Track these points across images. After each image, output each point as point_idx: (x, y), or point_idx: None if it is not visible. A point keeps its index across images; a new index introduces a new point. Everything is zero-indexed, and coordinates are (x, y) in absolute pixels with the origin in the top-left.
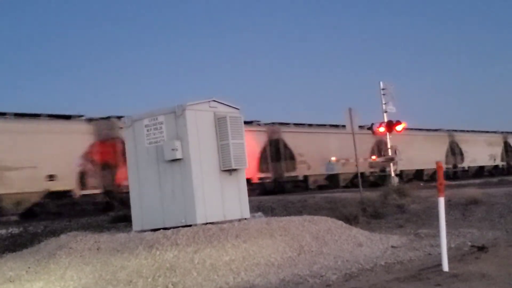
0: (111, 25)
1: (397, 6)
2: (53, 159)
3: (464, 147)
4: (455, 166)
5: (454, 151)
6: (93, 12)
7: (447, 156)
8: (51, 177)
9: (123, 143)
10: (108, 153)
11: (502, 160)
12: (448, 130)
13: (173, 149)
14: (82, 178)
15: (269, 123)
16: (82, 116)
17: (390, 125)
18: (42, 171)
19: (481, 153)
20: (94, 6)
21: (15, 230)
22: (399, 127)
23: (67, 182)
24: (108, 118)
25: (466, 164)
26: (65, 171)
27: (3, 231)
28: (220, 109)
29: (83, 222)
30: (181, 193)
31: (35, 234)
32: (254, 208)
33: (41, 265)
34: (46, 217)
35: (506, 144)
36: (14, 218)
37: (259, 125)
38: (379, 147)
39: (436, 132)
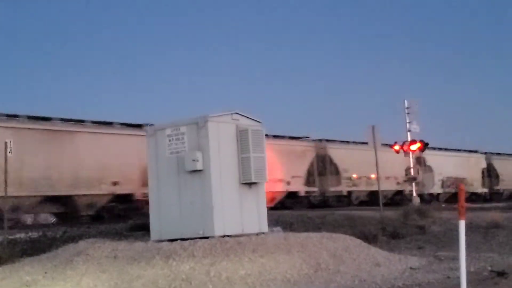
0: (137, 34)
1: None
2: None
3: (500, 170)
4: (491, 188)
5: (491, 173)
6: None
7: (483, 177)
8: None
9: None
10: None
11: None
12: (485, 153)
13: (194, 160)
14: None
15: (316, 139)
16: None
17: (405, 145)
18: None
19: None
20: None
21: (34, 234)
22: (413, 147)
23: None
24: None
25: (501, 187)
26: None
27: (22, 235)
28: (242, 121)
29: (102, 229)
30: (200, 204)
31: (53, 239)
32: (273, 222)
33: (58, 270)
34: None
35: None
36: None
37: (307, 140)
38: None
39: (474, 153)
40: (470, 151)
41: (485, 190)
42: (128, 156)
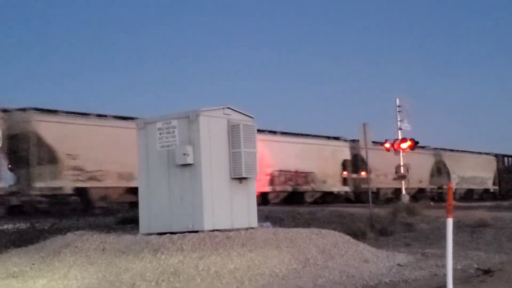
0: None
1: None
2: None
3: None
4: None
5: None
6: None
7: (494, 178)
8: None
9: None
10: None
11: None
12: (496, 155)
13: (184, 154)
14: None
15: (350, 140)
16: None
17: (396, 143)
18: None
19: None
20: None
21: (22, 225)
22: (404, 145)
23: None
24: None
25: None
26: None
27: (10, 226)
28: (234, 116)
29: (91, 222)
30: (190, 198)
31: (41, 231)
32: (263, 218)
33: (46, 262)
34: None
35: None
36: None
37: (344, 140)
38: (438, 167)
39: (485, 155)
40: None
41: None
42: None
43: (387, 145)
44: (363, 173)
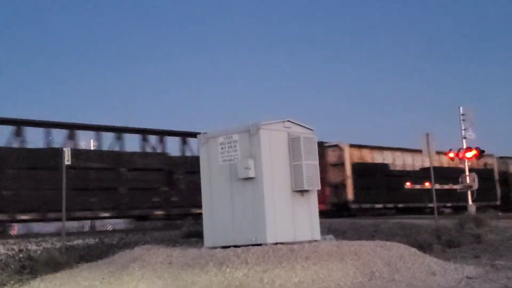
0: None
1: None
2: None
3: None
4: None
5: None
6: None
7: None
8: None
9: None
10: None
11: None
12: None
13: (246, 168)
14: None
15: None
16: None
17: (461, 152)
18: None
19: None
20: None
21: (91, 241)
22: (469, 154)
23: None
24: None
25: None
26: None
27: (80, 241)
28: (294, 129)
29: (156, 236)
30: (252, 211)
31: (110, 246)
32: (325, 230)
33: (115, 276)
34: None
35: None
36: None
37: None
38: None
39: None
40: None
41: None
42: None
43: (451, 154)
44: None
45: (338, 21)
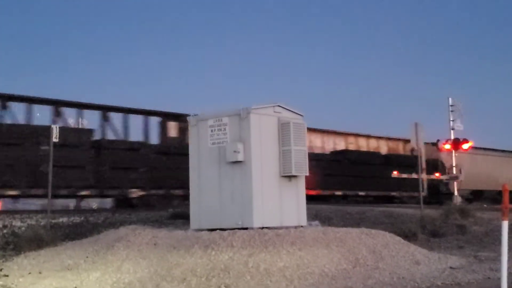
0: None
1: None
2: None
3: None
4: None
5: None
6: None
7: None
8: None
9: None
10: None
11: None
12: None
13: (235, 151)
14: None
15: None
16: None
17: (457, 143)
18: None
19: None
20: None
21: (76, 219)
22: (465, 146)
23: None
24: None
25: None
26: None
27: (65, 219)
28: (284, 114)
29: (142, 217)
30: (240, 195)
31: (95, 225)
32: (312, 216)
33: (99, 255)
34: None
35: None
36: None
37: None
38: None
39: None
40: None
41: None
42: None
43: (448, 146)
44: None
45: (329, 8)
